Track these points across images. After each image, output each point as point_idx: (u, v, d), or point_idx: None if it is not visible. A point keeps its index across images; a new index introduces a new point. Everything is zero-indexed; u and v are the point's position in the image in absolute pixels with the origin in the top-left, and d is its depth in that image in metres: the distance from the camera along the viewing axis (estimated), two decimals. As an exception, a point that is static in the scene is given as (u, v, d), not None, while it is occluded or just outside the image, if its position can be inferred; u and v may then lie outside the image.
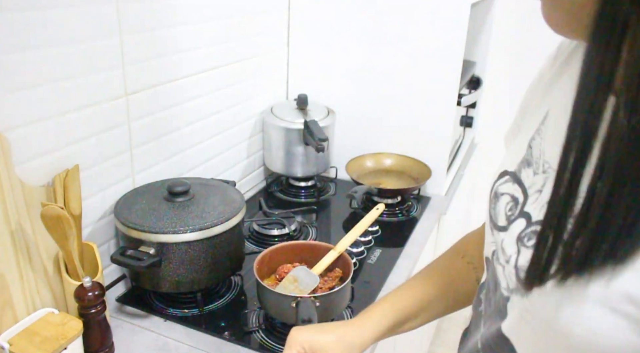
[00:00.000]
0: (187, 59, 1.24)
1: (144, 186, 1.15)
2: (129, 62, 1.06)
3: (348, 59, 1.63)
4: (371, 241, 1.34)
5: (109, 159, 1.07)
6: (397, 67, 1.57)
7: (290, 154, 1.55)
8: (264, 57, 1.57)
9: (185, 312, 1.06)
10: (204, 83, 1.31)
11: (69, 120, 0.96)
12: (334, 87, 1.68)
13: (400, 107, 1.60)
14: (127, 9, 1.03)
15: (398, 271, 1.23)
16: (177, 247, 1.00)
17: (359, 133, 1.68)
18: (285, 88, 1.75)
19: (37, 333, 0.85)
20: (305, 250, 1.09)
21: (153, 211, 1.03)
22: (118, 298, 1.09)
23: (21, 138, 0.88)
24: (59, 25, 0.90)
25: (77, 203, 0.94)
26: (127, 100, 1.08)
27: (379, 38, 1.57)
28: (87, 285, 0.87)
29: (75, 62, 0.95)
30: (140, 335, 1.00)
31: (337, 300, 0.97)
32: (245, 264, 1.16)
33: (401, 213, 1.51)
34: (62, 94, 0.94)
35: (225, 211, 1.06)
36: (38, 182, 0.92)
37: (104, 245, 1.11)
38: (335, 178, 1.71)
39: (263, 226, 1.36)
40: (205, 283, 1.06)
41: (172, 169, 1.27)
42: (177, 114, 1.24)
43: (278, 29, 1.63)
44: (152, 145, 1.19)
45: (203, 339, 0.99)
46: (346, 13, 1.58)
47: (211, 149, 1.40)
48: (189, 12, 1.21)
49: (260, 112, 1.60)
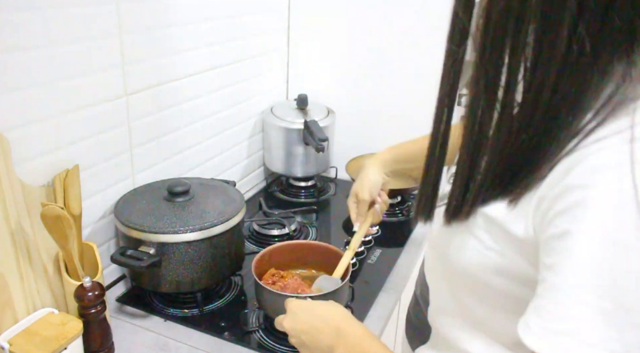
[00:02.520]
0: (187, 59, 1.24)
1: (144, 186, 1.15)
2: (129, 62, 1.06)
3: (348, 59, 1.63)
4: (371, 241, 1.34)
5: (109, 159, 1.07)
6: (397, 66, 1.57)
7: (290, 154, 1.55)
8: (264, 57, 1.57)
9: (185, 312, 1.06)
10: (204, 83, 1.31)
11: (69, 120, 0.96)
12: (334, 87, 1.67)
13: (400, 107, 1.60)
14: (127, 9, 1.03)
15: (398, 271, 1.23)
16: (177, 247, 1.00)
17: (359, 133, 1.68)
18: (285, 88, 1.75)
19: (37, 333, 0.85)
20: (305, 250, 1.09)
21: (153, 211, 1.03)
22: (118, 298, 1.09)
23: (21, 138, 0.88)
24: (59, 25, 0.90)
25: (77, 203, 0.94)
26: (127, 100, 1.08)
27: (379, 38, 1.57)
28: (87, 285, 0.87)
29: (75, 62, 0.95)
30: (140, 335, 0.99)
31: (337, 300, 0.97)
32: (245, 264, 1.16)
33: (401, 213, 1.51)
34: (62, 94, 0.94)
35: (225, 211, 1.06)
36: (38, 182, 0.92)
37: (104, 245, 1.11)
38: (335, 178, 1.71)
39: (263, 226, 1.36)
40: (205, 283, 1.06)
41: (172, 169, 1.27)
42: (177, 114, 1.24)
43: (278, 29, 1.63)
44: (152, 145, 1.19)
45: (203, 339, 0.99)
46: (346, 13, 1.58)
47: (211, 149, 1.40)
48: (189, 12, 1.21)
49: (260, 112, 1.60)
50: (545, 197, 0.45)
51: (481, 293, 0.56)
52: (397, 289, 1.17)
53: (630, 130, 0.41)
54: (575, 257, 0.41)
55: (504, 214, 0.50)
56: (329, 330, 0.69)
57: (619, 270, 0.39)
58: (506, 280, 0.52)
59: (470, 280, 0.57)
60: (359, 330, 0.68)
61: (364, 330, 0.68)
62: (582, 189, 0.41)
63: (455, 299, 0.62)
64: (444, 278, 0.64)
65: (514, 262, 0.50)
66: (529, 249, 0.48)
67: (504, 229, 0.50)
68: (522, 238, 0.48)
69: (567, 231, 0.42)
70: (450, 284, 0.63)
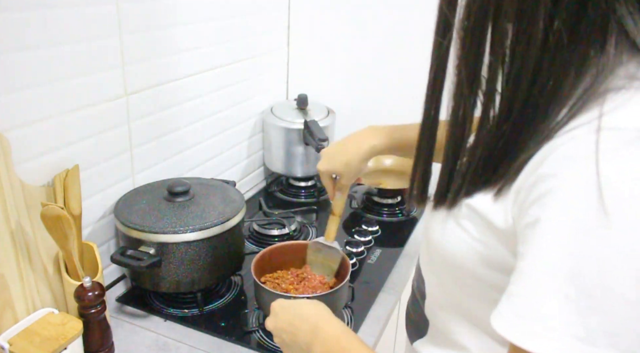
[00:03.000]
0: (187, 59, 1.24)
1: (144, 186, 1.15)
2: (129, 62, 1.06)
3: (348, 59, 1.63)
4: (371, 241, 1.34)
5: (109, 159, 1.07)
6: (397, 66, 1.57)
7: (290, 154, 1.55)
8: (264, 57, 1.57)
9: (185, 312, 1.06)
10: (204, 83, 1.31)
11: (69, 120, 0.96)
12: (334, 87, 1.67)
13: (401, 107, 1.60)
14: (127, 9, 1.03)
15: (398, 271, 1.23)
16: (177, 247, 1.00)
17: (359, 133, 1.67)
18: (285, 88, 1.75)
19: (37, 333, 0.85)
20: (305, 250, 1.09)
21: (153, 211, 1.03)
22: (118, 298, 1.09)
23: (21, 138, 0.88)
24: (59, 25, 0.90)
25: (77, 203, 0.94)
26: (127, 100, 1.08)
27: (379, 38, 1.57)
28: (87, 285, 0.87)
29: (75, 62, 0.95)
30: (140, 335, 0.99)
31: (336, 300, 0.97)
32: (245, 264, 1.16)
33: (401, 213, 1.51)
34: (62, 94, 0.94)
35: (225, 211, 1.06)
36: (38, 182, 0.92)
37: (104, 245, 1.11)
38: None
39: (263, 226, 1.36)
40: (205, 283, 1.06)
41: (172, 169, 1.27)
42: (177, 114, 1.24)
43: (278, 29, 1.63)
44: (152, 145, 1.19)
45: (203, 339, 0.99)
46: (346, 13, 1.58)
47: (211, 149, 1.40)
48: (189, 12, 1.21)
49: (260, 112, 1.60)
50: (522, 187, 0.47)
51: (470, 285, 0.57)
52: (397, 289, 1.17)
53: (597, 120, 0.42)
54: (541, 244, 0.43)
55: (488, 206, 0.51)
56: (307, 328, 0.69)
57: (581, 256, 0.40)
58: (491, 271, 0.53)
59: (459, 272, 0.58)
60: (337, 327, 0.68)
61: (342, 328, 0.68)
62: (552, 178, 0.43)
63: (446, 292, 0.63)
64: (435, 271, 0.65)
65: (498, 252, 0.51)
66: (510, 240, 0.49)
67: (486, 220, 0.51)
68: (503, 229, 0.50)
69: (537, 219, 0.43)
70: (440, 277, 0.64)
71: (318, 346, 0.67)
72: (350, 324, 1.04)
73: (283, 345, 0.74)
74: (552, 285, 0.41)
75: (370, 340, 1.01)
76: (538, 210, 0.43)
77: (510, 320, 0.44)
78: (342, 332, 0.67)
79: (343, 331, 0.67)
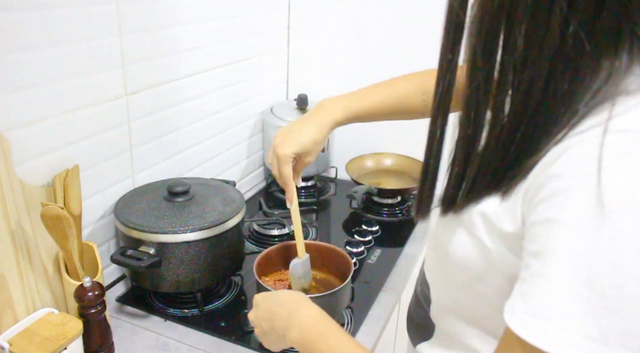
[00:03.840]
0: (187, 59, 1.24)
1: (144, 186, 1.15)
2: (129, 62, 1.06)
3: (348, 59, 1.63)
4: (371, 241, 1.34)
5: (109, 159, 1.07)
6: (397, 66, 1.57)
7: (290, 154, 1.55)
8: (264, 57, 1.57)
9: (185, 312, 1.06)
10: (204, 83, 1.31)
11: (69, 120, 0.96)
12: (334, 87, 1.67)
13: (400, 107, 1.60)
14: (127, 9, 1.03)
15: (398, 271, 1.23)
16: (177, 247, 1.00)
17: (359, 133, 1.67)
18: (285, 88, 1.75)
19: (37, 333, 0.85)
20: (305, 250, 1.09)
21: (153, 211, 1.03)
22: (118, 298, 1.09)
23: (21, 138, 0.88)
24: (59, 25, 0.90)
25: (77, 203, 0.94)
26: (127, 100, 1.08)
27: (379, 38, 1.57)
28: (87, 285, 0.87)
29: (75, 62, 0.95)
30: (140, 335, 0.99)
31: (337, 301, 0.97)
32: (245, 264, 1.16)
33: (401, 213, 1.51)
34: (62, 94, 0.94)
35: (225, 211, 1.06)
36: (38, 182, 0.92)
37: (104, 245, 1.11)
38: (335, 178, 1.71)
39: (263, 226, 1.36)
40: (205, 283, 1.06)
41: (172, 169, 1.27)
42: (177, 114, 1.24)
43: (278, 29, 1.63)
44: (152, 145, 1.19)
45: (203, 339, 0.99)
46: (346, 13, 1.58)
47: (211, 149, 1.40)
48: (189, 12, 1.21)
49: (260, 112, 1.60)
50: (531, 186, 0.47)
51: (478, 291, 0.57)
52: (397, 289, 1.17)
53: (606, 123, 0.43)
54: (555, 245, 0.43)
55: (496, 209, 0.51)
56: (285, 313, 0.70)
57: (594, 257, 0.41)
58: (500, 277, 0.53)
59: (466, 278, 0.58)
60: (314, 312, 0.69)
61: (319, 312, 0.69)
62: (561, 178, 0.43)
63: (454, 298, 0.63)
64: (442, 277, 0.65)
65: (507, 259, 0.52)
66: (518, 244, 0.49)
67: (495, 225, 0.52)
68: (512, 232, 0.50)
69: (548, 219, 0.44)
70: (448, 283, 0.64)
71: (295, 330, 0.67)
72: (350, 324, 1.04)
73: (262, 335, 0.75)
74: (566, 286, 0.42)
75: (370, 340, 1.01)
76: (548, 210, 0.44)
77: (524, 318, 0.44)
78: (320, 316, 0.68)
79: (321, 315, 0.68)
